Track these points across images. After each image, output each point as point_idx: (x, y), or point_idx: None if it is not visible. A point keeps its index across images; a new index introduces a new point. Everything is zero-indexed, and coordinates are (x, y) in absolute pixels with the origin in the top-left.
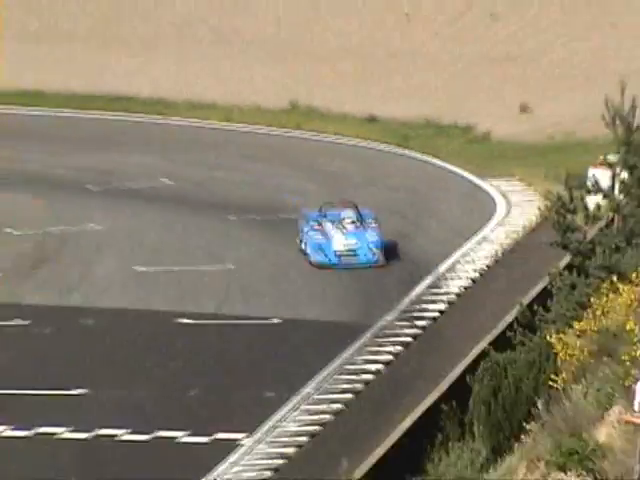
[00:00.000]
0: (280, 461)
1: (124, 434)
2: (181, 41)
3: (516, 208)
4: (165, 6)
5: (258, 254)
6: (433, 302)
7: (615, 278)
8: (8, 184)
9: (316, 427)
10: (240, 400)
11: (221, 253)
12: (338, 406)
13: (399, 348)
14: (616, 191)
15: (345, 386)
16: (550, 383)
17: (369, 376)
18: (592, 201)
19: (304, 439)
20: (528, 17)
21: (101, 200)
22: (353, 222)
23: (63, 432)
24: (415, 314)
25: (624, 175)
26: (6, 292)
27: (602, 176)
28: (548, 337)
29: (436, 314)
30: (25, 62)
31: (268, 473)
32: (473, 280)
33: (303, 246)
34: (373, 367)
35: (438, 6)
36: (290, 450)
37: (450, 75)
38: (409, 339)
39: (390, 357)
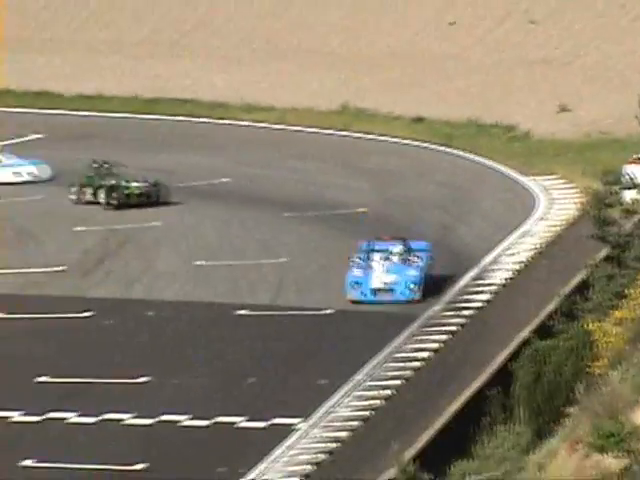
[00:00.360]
0: (334, 444)
1: (186, 420)
2: (240, 50)
3: (556, 203)
4: (227, 19)
5: (311, 248)
6: (478, 292)
7: None
8: None
9: (368, 412)
10: (295, 387)
11: (276, 247)
12: (388, 392)
13: (446, 337)
14: None
15: (395, 373)
16: (588, 369)
17: (417, 363)
18: (628, 196)
19: (356, 423)
20: (564, 22)
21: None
22: (400, 255)
23: (128, 418)
24: (461, 304)
25: None
26: (72, 286)
27: (637, 172)
28: (587, 325)
29: (480, 304)
30: (91, 70)
31: (322, 456)
32: (516, 271)
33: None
34: (421, 355)
35: (480, 13)
36: (343, 434)
37: (491, 77)
38: (455, 328)
39: (437, 345)
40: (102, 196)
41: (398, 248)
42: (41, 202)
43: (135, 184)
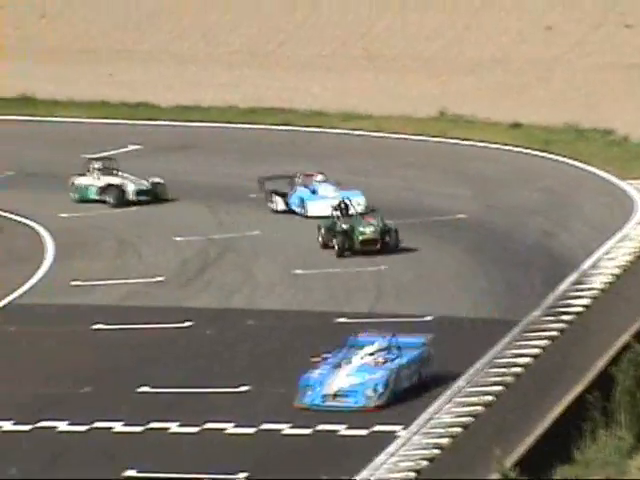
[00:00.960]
0: (435, 451)
1: (287, 428)
2: (337, 58)
3: None
4: (323, 28)
5: (409, 256)
6: (577, 297)
7: None
8: (180, 195)
9: (469, 418)
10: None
11: (374, 255)
12: (489, 398)
13: (546, 342)
14: None
15: (495, 379)
16: None
17: (518, 369)
18: None
19: (457, 430)
20: None
21: (261, 207)
22: (376, 354)
23: (230, 427)
24: (560, 309)
25: None
26: (170, 296)
27: None
28: None
29: (580, 309)
30: (189, 81)
31: (424, 462)
32: (615, 276)
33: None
34: (521, 360)
35: (576, 17)
36: (444, 440)
37: (588, 82)
38: (555, 333)
39: (537, 351)
40: None
41: (378, 345)
42: (137, 213)
43: None
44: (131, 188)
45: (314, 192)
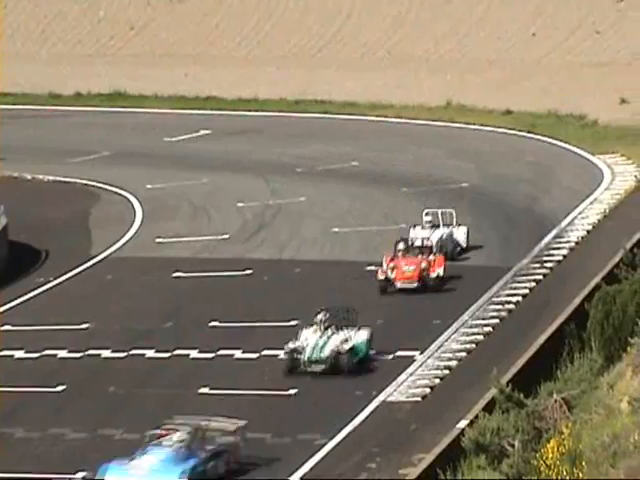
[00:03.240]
0: (445, 371)
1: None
2: (366, 59)
3: (618, 176)
4: (355, 34)
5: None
6: (558, 248)
7: None
8: (241, 170)
9: (471, 345)
10: (415, 327)
11: (396, 216)
12: (488, 329)
13: (532, 284)
14: None
15: (492, 314)
16: None
17: (510, 306)
18: None
19: (463, 354)
20: (624, 31)
21: (306, 179)
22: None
23: (282, 353)
24: (544, 258)
25: None
26: (234, 249)
27: None
28: None
29: (560, 258)
30: (248, 78)
31: (437, 380)
32: (587, 231)
33: None
34: (513, 299)
35: (555, 25)
36: (452, 363)
37: (566, 77)
38: (540, 277)
39: (526, 291)
40: None
41: (173, 440)
42: (206, 184)
43: None
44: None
45: None
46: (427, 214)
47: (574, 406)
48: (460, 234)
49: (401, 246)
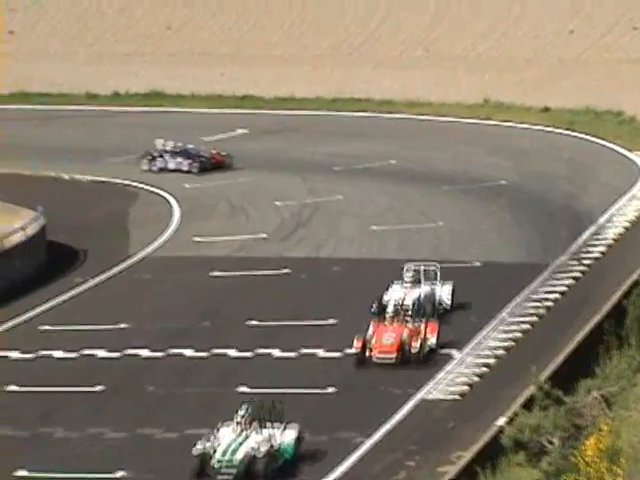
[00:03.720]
0: (484, 369)
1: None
2: (403, 57)
3: None
4: (392, 33)
5: (461, 214)
6: (596, 245)
7: None
8: (278, 168)
9: (510, 342)
10: (452, 325)
11: (433, 214)
12: (526, 326)
13: (571, 281)
14: None
15: (531, 311)
16: None
17: (549, 303)
18: None
19: (501, 352)
20: None
21: (344, 177)
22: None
23: (320, 352)
24: (582, 255)
25: None
26: (272, 248)
27: None
28: None
29: (598, 255)
30: (285, 78)
31: (476, 378)
32: (626, 228)
33: None
34: (552, 296)
35: (593, 24)
36: (491, 360)
37: (603, 74)
38: (578, 274)
39: (564, 288)
40: None
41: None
42: (244, 183)
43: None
44: None
45: None
46: (408, 270)
47: (613, 403)
48: (444, 292)
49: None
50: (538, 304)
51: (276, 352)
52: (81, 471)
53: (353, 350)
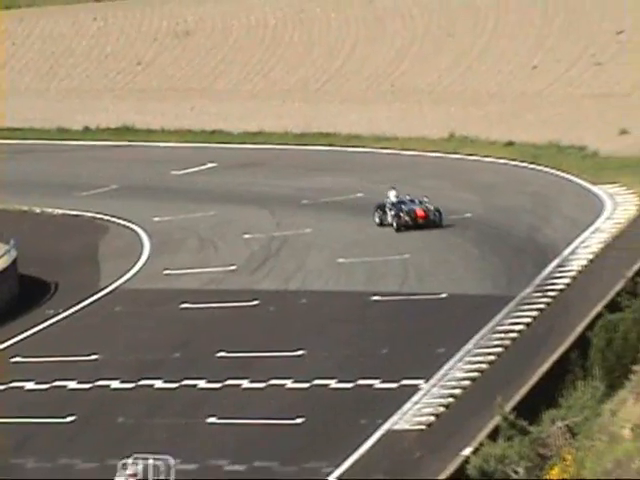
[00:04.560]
0: (450, 399)
1: (334, 383)
2: (369, 92)
3: (620, 206)
4: (358, 69)
5: (427, 246)
6: (560, 277)
7: None
8: (247, 202)
9: (476, 373)
10: (419, 356)
11: (400, 246)
12: (492, 357)
13: (535, 313)
14: None
15: (496, 342)
16: None
17: (514, 334)
18: None
19: (467, 382)
20: (624, 64)
21: (311, 211)
22: None
23: (289, 383)
24: (546, 287)
25: None
26: (241, 281)
27: None
28: None
29: (563, 286)
30: (254, 112)
31: (442, 409)
32: (590, 260)
33: None
34: (516, 327)
35: (556, 58)
36: (457, 391)
37: (567, 109)
38: (543, 306)
39: (529, 320)
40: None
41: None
42: (213, 216)
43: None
44: None
45: None
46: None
47: (577, 433)
48: None
49: None
50: (503, 335)
51: (245, 383)
52: None
53: None
